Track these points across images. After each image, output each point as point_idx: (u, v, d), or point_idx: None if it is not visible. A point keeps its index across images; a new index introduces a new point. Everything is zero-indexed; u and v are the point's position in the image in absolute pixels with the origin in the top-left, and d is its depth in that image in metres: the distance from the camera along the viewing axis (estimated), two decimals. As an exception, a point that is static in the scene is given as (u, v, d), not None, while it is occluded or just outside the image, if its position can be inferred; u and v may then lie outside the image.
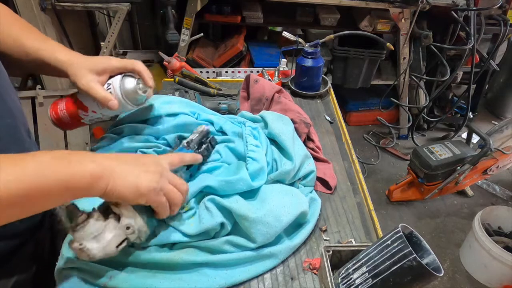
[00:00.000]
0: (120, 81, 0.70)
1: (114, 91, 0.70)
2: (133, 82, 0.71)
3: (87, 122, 0.78)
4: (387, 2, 2.34)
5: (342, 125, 1.11)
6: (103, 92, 0.68)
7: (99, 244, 0.56)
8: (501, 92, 3.29)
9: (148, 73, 0.72)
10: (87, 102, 0.73)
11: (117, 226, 0.58)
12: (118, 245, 0.58)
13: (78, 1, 2.12)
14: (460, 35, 2.62)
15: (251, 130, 0.81)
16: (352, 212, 0.83)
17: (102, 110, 0.73)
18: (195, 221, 0.67)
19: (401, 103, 2.78)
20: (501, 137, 2.23)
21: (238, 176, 0.69)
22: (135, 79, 0.72)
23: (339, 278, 0.62)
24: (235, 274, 0.66)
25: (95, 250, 0.56)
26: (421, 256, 0.55)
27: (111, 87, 0.70)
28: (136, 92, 0.71)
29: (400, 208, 2.41)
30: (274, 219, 0.68)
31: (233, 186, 0.69)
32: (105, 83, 0.71)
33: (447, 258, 2.12)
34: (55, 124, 0.78)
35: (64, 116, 0.76)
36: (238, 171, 0.71)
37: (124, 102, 0.71)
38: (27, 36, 0.70)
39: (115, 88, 0.70)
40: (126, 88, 0.70)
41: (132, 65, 0.72)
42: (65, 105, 0.76)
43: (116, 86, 0.70)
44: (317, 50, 1.21)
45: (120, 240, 0.58)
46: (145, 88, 0.73)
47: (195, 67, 1.66)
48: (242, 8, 2.45)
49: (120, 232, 0.58)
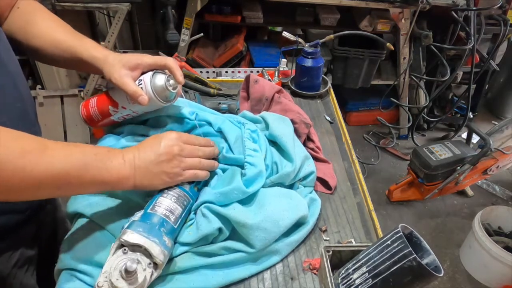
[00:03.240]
0: (151, 77, 0.72)
1: (145, 87, 0.71)
2: (163, 79, 0.72)
3: (116, 120, 0.79)
4: (387, 2, 2.34)
5: (342, 125, 1.11)
6: (134, 87, 0.70)
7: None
8: (501, 92, 3.29)
9: (179, 70, 0.73)
10: (118, 98, 0.75)
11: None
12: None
13: (78, 1, 2.12)
14: (460, 35, 2.62)
15: (250, 133, 0.80)
16: (352, 212, 0.83)
17: (132, 106, 0.75)
18: (193, 230, 0.67)
19: (401, 103, 2.78)
20: (501, 137, 2.23)
21: (232, 186, 0.68)
22: (166, 75, 0.73)
23: (339, 278, 0.62)
24: (233, 272, 0.66)
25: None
26: (421, 256, 0.55)
27: (142, 83, 0.71)
28: (166, 88, 0.72)
29: (400, 208, 2.40)
30: (272, 225, 0.67)
31: (229, 196, 0.68)
32: (137, 79, 0.72)
33: (447, 258, 2.12)
34: (87, 122, 0.80)
35: (94, 113, 0.78)
36: (232, 180, 0.70)
37: (154, 97, 0.71)
38: (63, 33, 0.74)
39: (146, 84, 0.71)
40: (157, 84, 0.71)
41: (163, 62, 0.73)
42: (96, 102, 0.78)
43: (147, 82, 0.71)
44: (317, 50, 1.21)
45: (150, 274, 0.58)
46: (175, 85, 0.73)
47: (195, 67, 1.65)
48: (242, 8, 2.45)
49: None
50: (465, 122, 2.80)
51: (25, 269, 0.75)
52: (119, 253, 0.57)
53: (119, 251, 0.57)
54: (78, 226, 0.70)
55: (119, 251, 0.57)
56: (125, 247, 0.57)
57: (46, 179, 0.52)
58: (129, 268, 0.53)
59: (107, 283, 0.54)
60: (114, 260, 0.56)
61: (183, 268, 0.64)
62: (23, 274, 0.74)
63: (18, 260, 0.72)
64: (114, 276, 0.54)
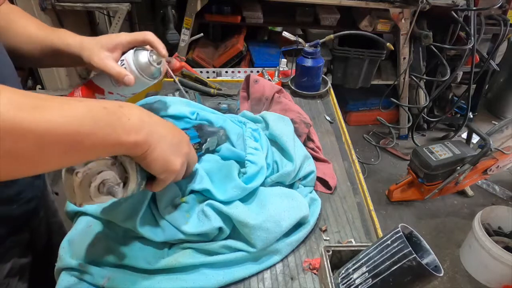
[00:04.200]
0: (133, 55, 0.68)
1: (129, 66, 0.68)
2: (146, 55, 0.69)
3: None
4: (387, 2, 2.34)
5: (342, 125, 1.11)
6: (118, 68, 0.66)
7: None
8: (501, 92, 3.29)
9: (161, 43, 0.69)
10: (103, 84, 0.72)
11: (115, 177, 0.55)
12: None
13: (78, 1, 2.12)
14: (460, 35, 2.62)
15: (251, 132, 0.81)
16: (352, 212, 0.83)
17: (118, 89, 0.71)
18: (192, 220, 0.67)
19: (401, 103, 2.78)
20: (501, 137, 2.23)
21: (232, 184, 0.69)
22: (148, 51, 0.69)
23: (339, 278, 0.62)
24: (233, 272, 0.66)
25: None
26: (421, 256, 0.55)
27: (124, 62, 0.68)
28: (150, 64, 0.69)
29: (400, 208, 2.40)
30: (274, 225, 0.67)
31: (228, 193, 0.69)
32: (119, 60, 0.69)
33: (447, 258, 2.12)
34: None
35: None
36: (229, 176, 0.70)
37: (140, 76, 0.69)
38: (36, 28, 0.71)
39: (129, 63, 0.68)
40: (140, 61, 0.68)
41: (142, 37, 0.69)
42: (81, 92, 0.74)
43: (130, 60, 0.68)
44: (317, 50, 1.21)
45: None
46: (159, 59, 0.70)
47: (195, 67, 1.66)
48: (242, 8, 2.45)
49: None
50: (465, 122, 2.81)
51: (17, 278, 0.72)
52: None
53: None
54: (78, 225, 0.70)
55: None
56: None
57: (50, 136, 0.42)
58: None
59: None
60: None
61: (183, 265, 0.64)
62: (16, 282, 0.71)
63: (12, 269, 0.70)
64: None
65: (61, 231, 0.90)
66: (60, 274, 0.64)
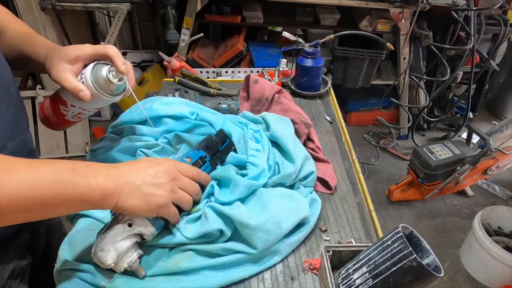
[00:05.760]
0: (91, 69, 0.64)
1: (86, 81, 0.64)
2: (105, 70, 0.64)
3: (71, 119, 0.72)
4: (387, 2, 2.34)
5: (342, 125, 1.11)
6: (74, 82, 0.63)
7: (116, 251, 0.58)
8: (501, 92, 3.29)
9: (121, 58, 0.65)
10: (66, 96, 0.68)
11: (129, 232, 0.60)
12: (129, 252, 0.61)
13: (78, 1, 2.12)
14: (460, 35, 2.62)
15: (253, 133, 0.81)
16: (352, 212, 0.83)
17: (79, 103, 0.67)
18: (196, 225, 0.67)
19: (401, 103, 2.78)
20: (501, 137, 2.23)
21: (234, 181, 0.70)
22: (108, 66, 0.65)
23: (339, 279, 0.62)
24: (233, 273, 0.66)
25: (110, 259, 0.58)
26: (421, 256, 0.55)
27: (83, 76, 0.64)
28: (108, 80, 0.64)
29: (400, 208, 2.40)
30: (274, 226, 0.67)
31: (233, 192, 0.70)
32: (80, 74, 0.65)
33: (447, 258, 2.12)
34: (45, 124, 0.74)
35: (49, 114, 0.72)
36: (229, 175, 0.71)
37: (97, 92, 0.64)
38: (14, 33, 0.70)
39: (86, 78, 0.63)
40: (98, 77, 0.64)
41: (102, 50, 0.65)
42: (49, 103, 0.72)
43: (87, 75, 0.64)
44: (317, 50, 1.21)
45: (132, 244, 0.60)
46: (119, 75, 0.65)
47: (195, 67, 1.66)
48: (242, 8, 2.45)
49: (132, 238, 0.60)
50: (465, 122, 2.81)
51: (19, 280, 0.72)
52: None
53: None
54: (78, 226, 0.70)
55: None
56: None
57: (16, 200, 0.46)
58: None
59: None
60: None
61: (184, 269, 0.64)
62: (17, 284, 0.71)
63: (13, 271, 0.70)
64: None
65: (60, 232, 0.90)
66: (60, 275, 0.64)
